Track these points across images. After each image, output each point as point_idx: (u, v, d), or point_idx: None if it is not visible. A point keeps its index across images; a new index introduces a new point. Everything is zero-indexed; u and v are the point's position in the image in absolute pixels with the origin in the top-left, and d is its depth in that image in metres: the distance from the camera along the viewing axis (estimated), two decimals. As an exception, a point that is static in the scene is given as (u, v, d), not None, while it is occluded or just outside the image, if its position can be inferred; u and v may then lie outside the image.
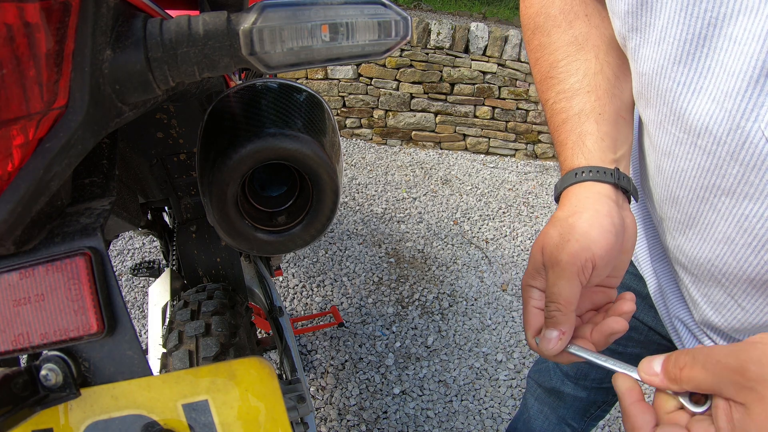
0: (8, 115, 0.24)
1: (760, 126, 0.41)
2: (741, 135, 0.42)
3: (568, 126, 0.57)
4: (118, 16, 0.29)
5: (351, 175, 3.22)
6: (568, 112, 0.58)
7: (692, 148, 0.47)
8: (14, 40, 0.23)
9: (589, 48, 0.58)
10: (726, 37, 0.41)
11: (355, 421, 1.70)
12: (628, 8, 0.48)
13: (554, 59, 0.60)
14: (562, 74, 0.59)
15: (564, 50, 0.59)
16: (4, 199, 0.26)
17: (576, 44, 0.59)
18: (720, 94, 0.43)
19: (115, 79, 0.29)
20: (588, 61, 0.58)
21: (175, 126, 0.69)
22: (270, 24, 0.30)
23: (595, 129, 0.56)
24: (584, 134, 0.56)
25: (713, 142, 0.45)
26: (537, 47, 0.62)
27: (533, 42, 0.63)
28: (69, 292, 0.29)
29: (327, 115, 0.46)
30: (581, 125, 0.56)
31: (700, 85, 0.44)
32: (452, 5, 5.62)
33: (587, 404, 1.03)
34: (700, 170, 0.47)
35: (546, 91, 0.61)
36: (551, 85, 0.60)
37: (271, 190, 0.45)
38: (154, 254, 2.39)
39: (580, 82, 0.58)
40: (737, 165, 0.44)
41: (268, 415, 0.33)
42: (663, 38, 0.45)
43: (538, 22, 0.62)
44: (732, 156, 0.44)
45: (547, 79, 0.61)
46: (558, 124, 0.59)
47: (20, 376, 0.30)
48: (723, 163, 0.45)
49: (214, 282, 0.81)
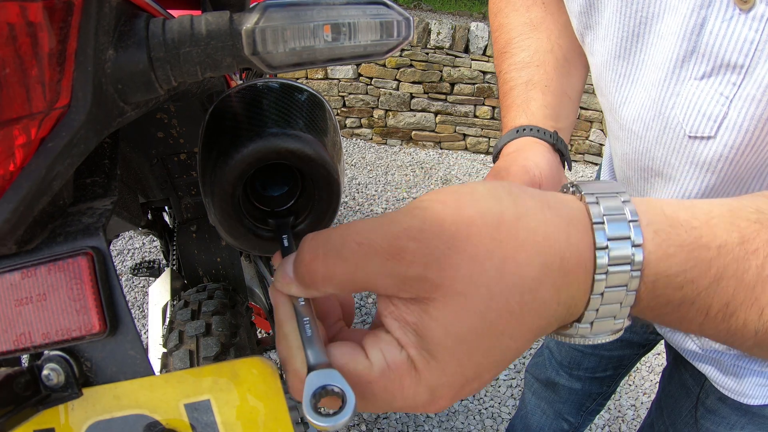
0: (10, 115, 0.24)
1: (676, 112, 0.45)
2: (662, 121, 0.46)
3: (515, 92, 0.62)
4: (121, 16, 0.29)
5: (351, 175, 3.22)
6: (517, 81, 0.62)
7: (629, 134, 0.51)
8: (17, 39, 0.23)
9: (542, 30, 0.64)
10: (655, 34, 0.45)
11: (355, 421, 1.70)
12: (580, 9, 0.53)
13: (510, 37, 0.65)
14: (515, 49, 0.64)
15: (519, 29, 0.65)
16: (7, 198, 0.26)
17: (531, 25, 0.64)
18: (648, 83, 0.47)
19: (118, 79, 0.29)
20: (540, 40, 0.63)
21: (176, 126, 0.69)
22: (272, 24, 0.30)
23: (540, 97, 0.60)
24: (529, 100, 0.60)
25: (643, 128, 0.49)
26: (497, 27, 0.69)
27: (495, 23, 0.70)
28: (71, 291, 0.29)
29: (328, 114, 0.46)
30: (527, 92, 0.61)
31: (635, 77, 0.49)
32: (452, 5, 5.62)
33: (582, 397, 1.06)
34: (637, 153, 0.52)
35: (500, 64, 0.66)
36: (505, 58, 0.65)
37: (272, 189, 0.45)
38: (154, 254, 2.39)
39: (531, 57, 0.62)
40: (661, 148, 0.48)
41: (270, 415, 0.33)
42: (606, 35, 0.50)
43: (500, 6, 0.68)
44: (657, 140, 0.48)
45: (503, 54, 0.66)
46: (506, 91, 0.64)
47: (22, 376, 0.30)
48: (651, 146, 0.49)
49: (215, 282, 0.81)
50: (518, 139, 0.57)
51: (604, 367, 0.98)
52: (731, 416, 0.68)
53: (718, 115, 0.42)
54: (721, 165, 0.43)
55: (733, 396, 0.65)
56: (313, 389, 0.25)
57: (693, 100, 0.43)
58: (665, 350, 0.88)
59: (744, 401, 0.64)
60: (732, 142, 0.42)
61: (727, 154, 0.42)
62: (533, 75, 0.61)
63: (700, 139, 0.44)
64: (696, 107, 0.43)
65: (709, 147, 0.43)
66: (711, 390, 0.69)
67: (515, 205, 0.25)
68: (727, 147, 0.42)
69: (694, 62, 0.42)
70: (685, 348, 0.68)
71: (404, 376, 0.25)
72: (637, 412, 1.85)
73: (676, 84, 0.44)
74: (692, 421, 0.75)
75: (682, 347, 0.69)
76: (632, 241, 0.26)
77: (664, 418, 0.83)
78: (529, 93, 0.60)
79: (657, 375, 1.98)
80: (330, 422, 0.24)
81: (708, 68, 0.41)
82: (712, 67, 0.41)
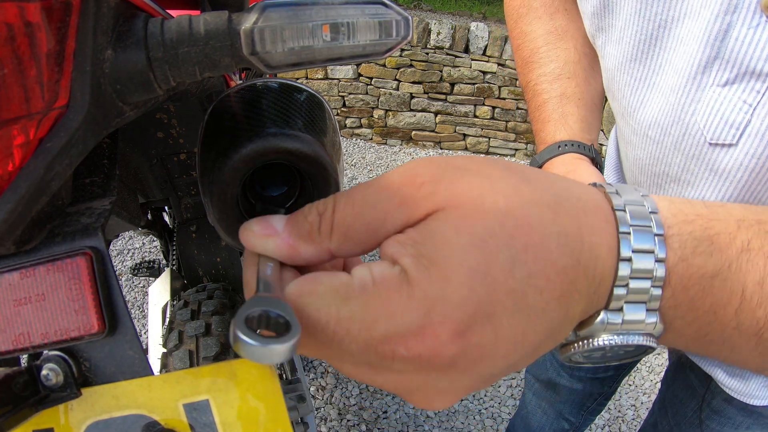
0: (9, 115, 0.24)
1: (697, 119, 0.44)
2: (682, 127, 0.46)
3: (550, 105, 0.62)
4: (119, 16, 0.29)
5: (351, 175, 3.22)
6: (550, 93, 0.62)
7: (645, 139, 0.51)
8: (15, 39, 0.23)
9: (568, 39, 0.63)
10: (674, 38, 0.44)
11: (355, 421, 1.70)
12: (593, 10, 0.52)
13: (536, 45, 0.65)
14: (543, 59, 0.63)
15: (545, 38, 0.64)
16: (5, 199, 0.26)
17: (556, 34, 0.64)
18: (667, 89, 0.46)
19: (116, 79, 0.29)
20: (567, 50, 0.63)
21: (175, 126, 0.69)
22: (271, 24, 0.29)
23: (576, 111, 0.60)
24: (567, 114, 0.60)
25: (660, 133, 0.48)
26: (519, 34, 0.67)
27: (516, 30, 0.69)
28: (70, 291, 0.29)
29: (328, 114, 0.46)
30: (563, 106, 0.61)
31: (652, 81, 0.48)
32: (452, 5, 5.62)
33: (583, 397, 1.06)
34: (652, 159, 0.51)
35: (527, 74, 0.65)
36: (533, 68, 0.65)
37: (271, 189, 0.45)
38: (154, 254, 2.39)
39: (561, 68, 0.62)
40: (680, 154, 0.47)
41: (268, 415, 0.33)
42: (621, 38, 0.49)
43: (521, 12, 0.67)
44: (675, 146, 0.47)
45: (529, 63, 0.65)
46: (539, 104, 0.63)
47: (21, 376, 0.30)
48: (669, 152, 0.48)
49: (214, 282, 0.81)
50: (561, 156, 0.58)
51: (605, 367, 0.98)
52: (737, 417, 0.68)
53: (740, 122, 0.41)
54: (741, 174, 0.43)
55: (739, 397, 0.65)
56: (249, 310, 0.20)
57: (715, 107, 0.42)
58: (667, 350, 0.88)
59: (750, 402, 0.64)
60: (754, 151, 0.41)
61: (748, 162, 0.42)
62: (566, 88, 0.61)
63: (720, 147, 0.43)
64: (718, 114, 0.42)
65: (730, 155, 0.43)
66: (717, 391, 0.69)
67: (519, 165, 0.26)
68: (748, 155, 0.42)
69: (717, 68, 0.41)
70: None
71: (391, 291, 0.21)
72: (637, 412, 1.85)
73: (698, 90, 0.43)
74: (697, 422, 0.75)
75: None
76: (647, 208, 0.25)
77: (668, 418, 0.83)
78: (565, 107, 0.61)
79: (657, 375, 1.98)
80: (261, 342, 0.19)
81: (731, 75, 0.41)
82: (736, 74, 0.40)
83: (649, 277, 0.24)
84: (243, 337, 0.19)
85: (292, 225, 0.25)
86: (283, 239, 0.25)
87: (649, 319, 0.25)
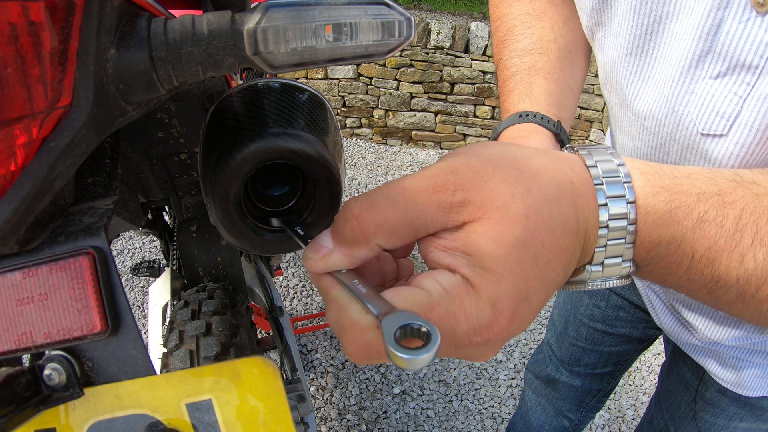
0: (12, 114, 0.24)
1: (689, 110, 0.46)
2: (676, 118, 0.47)
3: (516, 77, 0.61)
4: (123, 16, 0.29)
5: (351, 175, 3.22)
6: (519, 66, 0.61)
7: (641, 129, 0.52)
8: (18, 38, 0.23)
9: (545, 19, 0.63)
10: (669, 33, 0.46)
11: (355, 421, 1.70)
12: (592, 5, 0.53)
13: (511, 25, 0.65)
14: (517, 36, 0.63)
15: (521, 18, 0.64)
16: (8, 198, 0.26)
17: (533, 14, 0.64)
18: (662, 81, 0.48)
19: (119, 79, 0.29)
20: (543, 28, 0.62)
21: (176, 126, 0.69)
22: (274, 24, 0.29)
23: (544, 83, 0.59)
24: (532, 85, 0.59)
25: (656, 125, 0.50)
26: (498, 17, 0.68)
27: (496, 13, 0.69)
28: (72, 291, 0.29)
29: (329, 114, 0.46)
30: (530, 78, 0.60)
31: (648, 74, 0.50)
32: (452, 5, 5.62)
33: (582, 394, 1.07)
34: (649, 149, 0.52)
35: (500, 52, 0.65)
36: (505, 45, 0.64)
37: (273, 189, 0.45)
38: (154, 254, 2.39)
39: (534, 44, 0.62)
40: (675, 144, 0.49)
41: (270, 415, 0.34)
42: (619, 33, 0.51)
43: None
44: (671, 137, 0.49)
45: (503, 42, 0.65)
46: (507, 77, 0.62)
47: (23, 376, 0.30)
48: (665, 142, 0.50)
49: (215, 282, 0.81)
50: (520, 124, 0.56)
51: (604, 363, 0.98)
52: (730, 408, 0.68)
53: (731, 113, 0.42)
54: (732, 163, 0.44)
55: (733, 388, 0.65)
56: (394, 328, 0.24)
57: (707, 99, 0.44)
58: (664, 346, 0.88)
59: (743, 393, 0.64)
60: (744, 141, 0.42)
61: (738, 152, 0.43)
62: (536, 62, 0.60)
63: (712, 137, 0.44)
64: (709, 105, 0.44)
65: (720, 145, 0.44)
66: (710, 383, 0.70)
67: (521, 149, 0.30)
68: (738, 145, 0.43)
69: (710, 62, 0.43)
70: (685, 341, 0.68)
71: (463, 296, 0.26)
72: (637, 412, 1.85)
73: (691, 82, 0.45)
74: (691, 415, 0.75)
75: (681, 340, 0.69)
76: (622, 179, 0.31)
77: (663, 412, 0.84)
78: (532, 79, 0.60)
79: (657, 375, 1.98)
80: (416, 355, 0.23)
81: (723, 68, 0.42)
82: (727, 67, 0.42)
83: (624, 217, 0.30)
84: (403, 355, 0.23)
85: (338, 236, 0.28)
86: (339, 251, 0.28)
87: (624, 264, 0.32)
